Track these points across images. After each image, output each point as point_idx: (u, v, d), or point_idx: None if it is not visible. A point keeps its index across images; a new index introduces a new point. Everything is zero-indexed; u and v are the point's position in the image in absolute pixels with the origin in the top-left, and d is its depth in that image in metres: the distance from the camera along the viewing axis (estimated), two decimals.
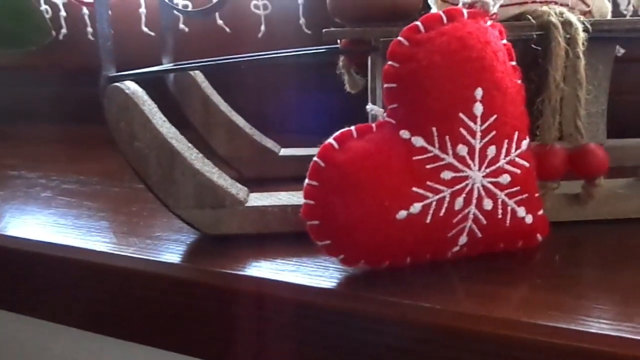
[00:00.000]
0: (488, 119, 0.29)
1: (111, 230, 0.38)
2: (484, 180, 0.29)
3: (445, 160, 0.28)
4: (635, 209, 0.35)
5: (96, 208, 0.43)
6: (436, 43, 0.28)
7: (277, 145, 0.50)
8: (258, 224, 0.35)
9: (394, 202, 0.28)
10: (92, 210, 0.42)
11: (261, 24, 0.61)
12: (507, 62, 0.30)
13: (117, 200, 0.45)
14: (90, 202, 0.44)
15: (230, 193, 0.35)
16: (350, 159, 0.28)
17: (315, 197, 0.28)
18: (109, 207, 0.43)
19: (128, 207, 0.42)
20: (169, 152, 0.34)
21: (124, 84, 0.33)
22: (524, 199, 0.30)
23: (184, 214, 0.35)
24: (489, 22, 0.30)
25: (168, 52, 0.46)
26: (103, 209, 0.43)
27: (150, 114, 0.34)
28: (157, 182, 0.34)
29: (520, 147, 0.30)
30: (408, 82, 0.29)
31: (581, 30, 0.32)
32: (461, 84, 0.28)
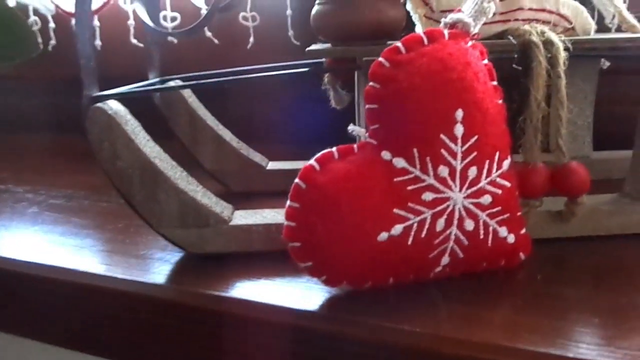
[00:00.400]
0: (469, 140, 0.29)
1: (96, 249, 0.38)
2: (465, 201, 0.29)
3: (426, 181, 0.29)
4: (618, 226, 0.35)
5: (82, 225, 0.43)
6: (417, 64, 0.29)
7: (265, 158, 0.50)
8: (243, 243, 0.35)
9: (375, 224, 0.28)
10: (78, 227, 0.42)
11: (250, 35, 0.61)
12: (487, 83, 0.30)
13: (104, 215, 0.44)
14: (77, 218, 0.44)
15: (214, 212, 0.35)
16: (331, 181, 0.28)
17: (296, 218, 0.28)
18: (95, 224, 0.43)
19: (114, 223, 0.42)
20: (152, 171, 0.34)
21: (106, 104, 0.33)
22: (506, 219, 0.30)
23: (168, 233, 0.35)
24: (470, 42, 0.30)
25: (154, 67, 0.46)
26: (89, 225, 0.43)
27: (134, 133, 0.34)
28: (140, 202, 0.34)
29: (502, 168, 0.30)
30: (389, 104, 0.29)
31: (562, 50, 0.32)
32: (442, 105, 0.28)
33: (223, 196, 0.49)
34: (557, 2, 0.36)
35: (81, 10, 0.32)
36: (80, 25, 0.32)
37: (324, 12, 0.35)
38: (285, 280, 0.32)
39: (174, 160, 0.36)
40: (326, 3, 0.34)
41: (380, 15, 0.34)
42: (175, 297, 0.32)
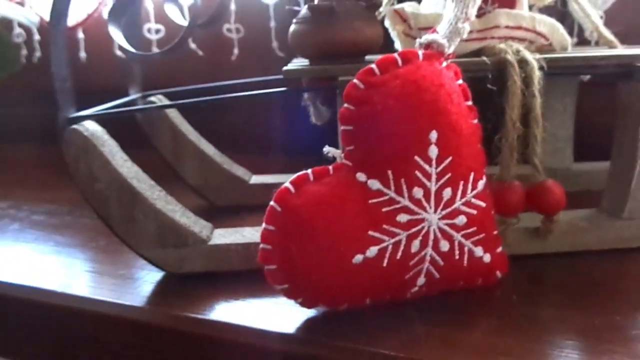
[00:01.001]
0: (443, 161, 0.29)
1: (76, 269, 0.38)
2: (440, 223, 0.29)
3: (401, 203, 0.29)
4: (596, 241, 0.35)
5: (64, 243, 0.43)
6: (390, 86, 0.29)
7: (248, 172, 0.50)
8: (222, 262, 0.35)
9: (349, 246, 0.28)
10: (60, 245, 0.42)
11: (234, 47, 0.61)
12: (462, 103, 0.30)
13: (85, 233, 0.44)
14: (58, 235, 0.44)
15: (193, 232, 0.35)
16: (306, 204, 0.28)
17: (271, 241, 0.28)
18: (76, 242, 0.43)
19: (96, 240, 0.42)
20: (130, 192, 0.34)
21: (82, 126, 0.33)
22: (481, 239, 0.30)
23: (146, 253, 0.35)
24: (444, 63, 0.30)
25: (135, 82, 0.46)
26: (71, 243, 0.43)
27: (111, 154, 0.34)
28: (118, 223, 0.34)
29: (477, 188, 0.30)
30: (364, 125, 0.29)
31: (537, 69, 0.32)
32: (416, 127, 0.28)
33: (206, 211, 0.49)
34: (534, 19, 0.36)
35: (55, 32, 0.32)
36: (55, 47, 0.32)
37: (301, 31, 0.35)
38: (264, 300, 0.32)
39: (159, 174, 0.36)
40: (302, 22, 0.34)
41: (357, 34, 0.34)
42: (153, 319, 0.32)
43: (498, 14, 0.36)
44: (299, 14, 0.35)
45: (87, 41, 0.66)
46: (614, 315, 0.28)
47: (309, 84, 0.37)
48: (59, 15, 0.32)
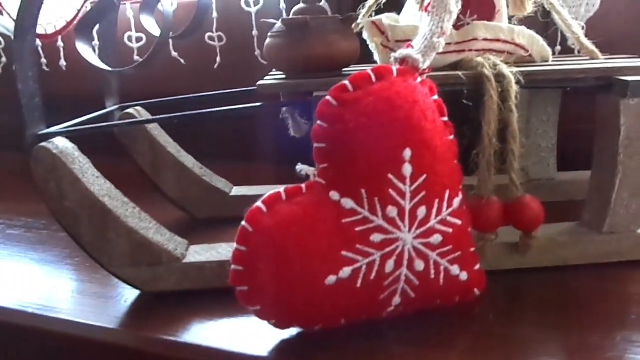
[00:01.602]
0: (417, 179, 0.28)
1: (51, 287, 0.37)
2: (414, 242, 0.28)
3: (375, 222, 0.28)
4: (575, 256, 0.35)
5: (39, 259, 0.42)
6: (363, 104, 0.28)
7: (229, 184, 0.49)
8: (197, 280, 0.34)
9: (322, 267, 0.27)
10: (35, 262, 0.41)
11: (217, 55, 0.60)
12: (437, 120, 0.29)
13: (61, 248, 0.43)
14: (33, 251, 0.43)
15: (167, 250, 0.34)
16: (277, 224, 0.28)
17: (243, 262, 0.28)
18: (52, 258, 0.42)
19: (71, 257, 0.41)
20: (101, 211, 0.33)
21: (52, 143, 0.33)
22: (458, 257, 0.30)
23: (119, 272, 0.34)
24: (419, 78, 0.30)
25: (112, 94, 0.45)
26: (46, 260, 0.42)
27: (81, 172, 0.33)
28: (90, 242, 0.33)
29: (452, 206, 0.29)
30: (337, 143, 0.28)
31: (514, 83, 0.32)
32: (389, 145, 0.28)
33: (186, 223, 0.49)
34: (512, 31, 0.36)
35: (21, 48, 0.31)
36: (21, 63, 0.31)
37: (276, 45, 0.34)
38: (239, 319, 0.32)
39: (140, 184, 0.35)
40: (277, 36, 0.34)
41: (332, 48, 0.33)
42: (123, 341, 0.31)
43: (476, 27, 0.35)
44: (274, 27, 0.35)
45: (67, 49, 0.65)
46: (591, 335, 0.28)
47: (286, 97, 0.36)
48: (25, 31, 0.31)
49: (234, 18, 0.58)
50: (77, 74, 0.64)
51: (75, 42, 0.33)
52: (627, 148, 0.33)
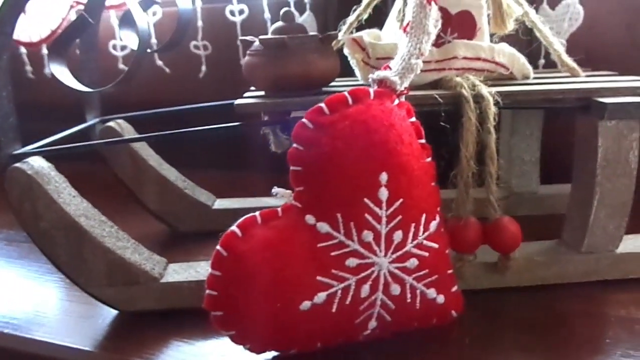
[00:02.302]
0: (394, 203, 0.28)
1: (27, 306, 0.37)
2: (390, 266, 0.28)
3: (351, 247, 0.28)
4: (554, 276, 0.35)
5: (17, 275, 0.41)
6: (339, 128, 0.28)
7: (212, 196, 0.49)
8: (174, 300, 0.34)
9: (297, 293, 0.27)
10: (13, 278, 0.41)
11: (202, 64, 0.60)
12: (414, 143, 0.29)
13: (40, 264, 0.43)
14: (12, 266, 0.43)
15: (144, 270, 0.34)
16: (252, 249, 0.27)
17: (217, 287, 0.28)
18: (31, 274, 0.41)
19: (50, 273, 0.41)
20: (77, 231, 0.32)
21: (27, 163, 0.32)
22: (434, 281, 0.30)
23: (96, 292, 0.34)
24: (396, 101, 0.30)
25: (92, 107, 0.45)
26: (26, 275, 0.41)
27: (57, 192, 0.33)
28: (66, 262, 0.33)
29: (429, 229, 0.29)
30: (313, 167, 0.28)
31: (492, 104, 0.32)
32: (365, 169, 0.28)
33: (168, 236, 0.48)
34: (493, 50, 0.36)
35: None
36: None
37: (254, 63, 0.34)
38: (217, 341, 0.31)
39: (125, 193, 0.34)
40: (255, 55, 0.34)
41: (310, 67, 0.33)
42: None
43: (456, 45, 0.35)
44: (252, 46, 0.34)
45: None
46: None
47: (266, 114, 0.36)
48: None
49: (219, 27, 0.58)
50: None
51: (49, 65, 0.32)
52: (604, 169, 0.33)
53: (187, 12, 0.42)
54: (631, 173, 0.33)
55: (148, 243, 0.46)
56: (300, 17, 0.55)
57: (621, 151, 0.32)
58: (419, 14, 0.31)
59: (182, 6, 0.42)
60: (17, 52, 0.66)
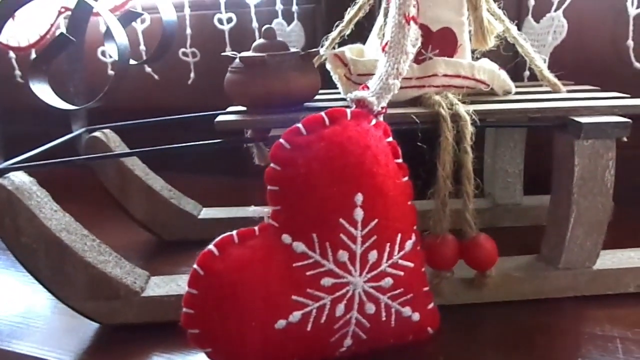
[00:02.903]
0: (369, 223, 0.28)
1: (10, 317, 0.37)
2: (365, 286, 0.29)
3: (326, 266, 0.28)
4: (532, 291, 0.35)
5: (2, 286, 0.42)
6: (315, 149, 0.28)
7: (198, 205, 0.49)
8: (155, 314, 0.34)
9: (272, 312, 0.28)
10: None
11: (191, 71, 0.60)
12: (390, 163, 0.30)
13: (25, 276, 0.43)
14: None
15: (125, 284, 0.34)
16: (228, 269, 0.28)
17: (194, 306, 0.28)
18: (16, 286, 0.42)
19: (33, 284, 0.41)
20: (58, 246, 0.33)
21: (7, 178, 0.32)
22: (409, 299, 0.30)
23: (77, 306, 0.34)
24: (373, 121, 0.30)
25: (78, 117, 0.45)
26: (9, 285, 0.42)
27: (38, 207, 0.33)
28: (47, 277, 0.33)
29: (404, 249, 0.30)
30: (289, 187, 0.29)
31: (469, 124, 0.32)
32: (340, 190, 0.28)
33: (154, 245, 0.49)
34: (473, 67, 0.36)
35: None
36: None
37: (235, 80, 0.34)
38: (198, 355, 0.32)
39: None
40: (237, 72, 0.34)
41: (290, 84, 0.33)
42: None
43: (436, 63, 0.36)
44: (233, 62, 0.35)
45: None
46: None
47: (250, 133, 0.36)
48: None
49: (207, 35, 0.58)
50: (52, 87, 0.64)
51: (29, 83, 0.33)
52: (580, 188, 0.33)
53: (172, 23, 0.42)
54: (607, 192, 0.33)
55: (134, 252, 0.47)
56: (288, 27, 0.55)
57: (597, 170, 0.33)
58: (397, 34, 0.32)
59: (166, 18, 0.42)
60: (6, 57, 0.66)
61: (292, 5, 0.54)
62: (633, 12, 0.44)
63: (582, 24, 0.47)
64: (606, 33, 0.46)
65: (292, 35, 0.54)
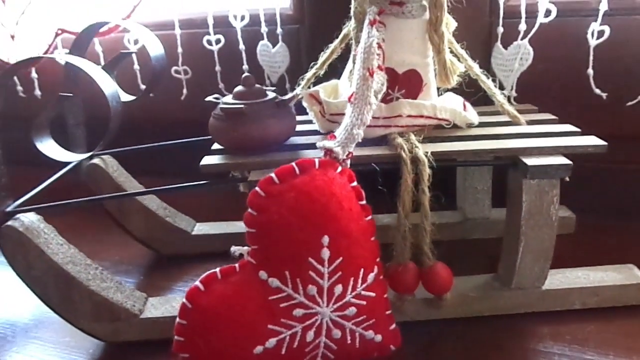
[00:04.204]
0: (334, 261, 0.32)
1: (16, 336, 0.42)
2: (332, 315, 0.33)
3: (297, 299, 0.32)
4: (487, 309, 0.40)
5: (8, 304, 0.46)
6: (286, 198, 0.32)
7: (193, 222, 0.53)
8: (153, 332, 0.39)
9: (251, 339, 0.32)
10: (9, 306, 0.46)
11: (183, 87, 0.63)
12: (353, 207, 0.33)
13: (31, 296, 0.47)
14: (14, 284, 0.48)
15: (125, 308, 0.38)
16: (212, 303, 0.32)
17: (183, 334, 0.32)
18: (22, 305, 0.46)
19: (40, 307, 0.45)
20: (65, 277, 0.37)
21: (18, 220, 0.37)
22: (372, 324, 0.34)
23: (84, 327, 0.39)
24: (339, 168, 0.34)
25: (79, 145, 0.49)
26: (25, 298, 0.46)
27: (46, 244, 0.37)
28: (56, 304, 0.38)
29: (366, 281, 0.34)
30: (264, 230, 0.33)
31: (427, 167, 0.35)
32: (309, 233, 0.32)
33: (152, 258, 0.53)
34: (435, 108, 0.39)
35: None
36: None
37: (217, 126, 0.38)
38: None
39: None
40: (218, 119, 0.37)
41: (266, 131, 0.37)
42: None
43: (401, 104, 0.39)
44: (216, 108, 0.38)
45: (41, 79, 0.68)
46: None
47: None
48: None
49: (198, 54, 0.61)
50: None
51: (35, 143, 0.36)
52: (528, 221, 0.37)
53: (160, 58, 0.45)
54: (552, 224, 0.37)
55: (133, 266, 0.52)
56: (273, 49, 0.58)
57: (543, 205, 0.37)
58: (362, 86, 0.35)
59: (154, 53, 0.45)
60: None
61: (276, 27, 0.57)
62: (593, 42, 0.47)
63: (547, 52, 0.49)
64: (569, 61, 0.49)
65: (277, 56, 0.57)
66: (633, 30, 0.48)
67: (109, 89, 0.36)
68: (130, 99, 0.45)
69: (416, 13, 0.38)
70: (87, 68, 0.35)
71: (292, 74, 0.58)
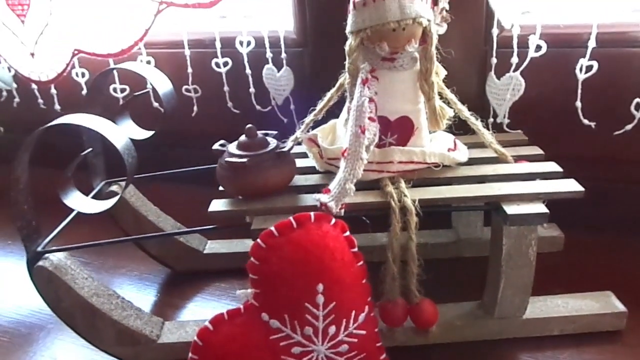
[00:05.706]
0: (328, 305, 0.36)
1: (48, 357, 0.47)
2: (326, 352, 0.37)
3: (295, 338, 0.37)
4: (473, 335, 0.44)
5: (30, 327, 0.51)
6: (285, 251, 0.36)
7: (205, 240, 0.57)
8: (169, 355, 0.44)
9: None
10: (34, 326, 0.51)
11: (194, 104, 0.66)
12: (345, 255, 0.37)
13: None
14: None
15: (144, 334, 0.43)
16: (220, 341, 0.37)
17: None
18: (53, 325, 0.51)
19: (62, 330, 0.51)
20: (90, 309, 0.42)
21: (48, 260, 0.41)
22: (363, 357, 0.38)
23: (109, 350, 0.44)
24: (332, 220, 0.37)
25: (98, 173, 0.52)
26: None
27: (73, 280, 0.42)
28: (83, 331, 0.43)
29: (357, 321, 0.38)
30: (265, 278, 0.37)
31: (415, 215, 0.39)
32: (305, 281, 0.36)
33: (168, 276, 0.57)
34: (424, 154, 0.42)
35: (16, 185, 0.38)
36: (16, 199, 0.39)
37: (223, 175, 0.41)
38: None
39: None
40: (224, 169, 0.41)
41: (267, 180, 0.40)
42: None
43: (393, 151, 0.42)
44: (222, 157, 0.41)
45: (60, 95, 0.72)
46: None
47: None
48: (19, 174, 0.38)
49: (207, 74, 0.64)
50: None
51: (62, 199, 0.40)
52: (508, 262, 0.40)
53: (169, 94, 0.48)
54: (530, 263, 0.40)
55: (150, 282, 0.56)
56: (279, 73, 0.60)
57: (522, 248, 0.40)
58: (354, 142, 0.38)
59: (162, 90, 0.48)
60: (30, 88, 0.73)
61: (281, 51, 0.59)
62: (581, 77, 0.49)
63: (538, 84, 0.51)
64: (559, 93, 0.51)
65: (282, 80, 0.60)
66: (620, 64, 0.49)
67: (121, 142, 0.39)
68: (143, 137, 0.49)
69: (407, 65, 0.41)
70: (100, 128, 0.38)
71: (297, 95, 0.61)
